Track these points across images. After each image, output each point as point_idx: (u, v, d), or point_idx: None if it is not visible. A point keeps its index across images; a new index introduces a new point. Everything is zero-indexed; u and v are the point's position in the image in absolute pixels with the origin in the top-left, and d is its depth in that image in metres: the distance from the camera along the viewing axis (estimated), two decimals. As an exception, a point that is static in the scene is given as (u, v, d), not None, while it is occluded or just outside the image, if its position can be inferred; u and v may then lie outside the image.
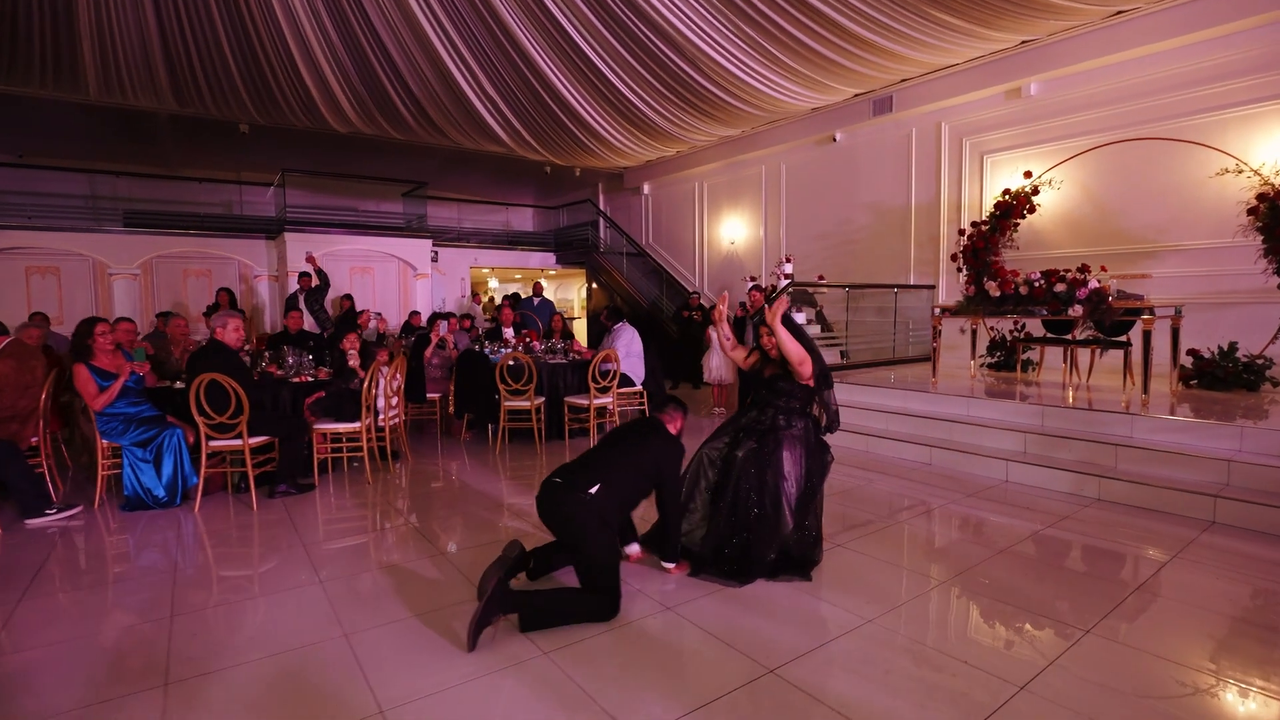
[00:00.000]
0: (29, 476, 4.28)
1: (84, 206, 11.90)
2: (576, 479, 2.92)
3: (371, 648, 2.53)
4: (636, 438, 3.16)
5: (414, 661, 2.43)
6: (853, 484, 4.85)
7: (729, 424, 3.56)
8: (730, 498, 3.24)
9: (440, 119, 8.98)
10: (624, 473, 3.00)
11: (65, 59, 6.83)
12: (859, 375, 7.19)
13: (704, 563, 3.23)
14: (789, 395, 3.40)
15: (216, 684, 2.29)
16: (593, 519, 2.85)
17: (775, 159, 10.89)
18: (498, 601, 2.57)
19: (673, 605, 2.85)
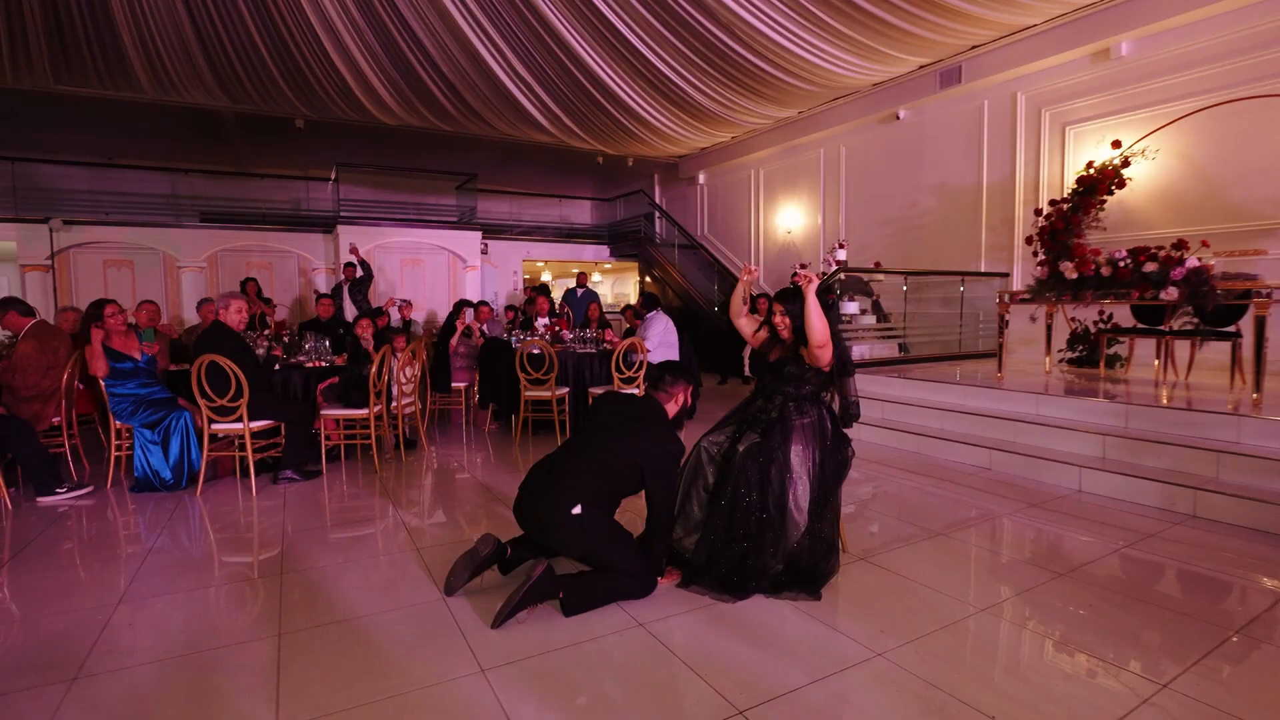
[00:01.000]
0: (41, 455, 4.30)
1: (162, 203, 12.54)
2: (557, 495, 2.61)
3: (296, 652, 2.25)
4: (623, 431, 2.75)
5: (331, 669, 2.13)
6: (896, 488, 4.28)
7: (734, 413, 3.12)
8: (728, 499, 2.80)
9: (480, 105, 8.83)
10: (607, 483, 2.67)
11: (112, 56, 7.06)
12: (917, 370, 6.52)
13: (696, 573, 2.81)
14: (799, 380, 2.94)
15: (117, 683, 2.06)
16: (586, 534, 2.58)
17: (834, 141, 10.21)
18: (539, 592, 2.44)
19: (647, 621, 2.44)
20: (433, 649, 2.27)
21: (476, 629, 2.40)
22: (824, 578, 2.74)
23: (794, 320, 3.00)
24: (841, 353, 2.96)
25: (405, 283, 11.74)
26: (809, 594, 2.62)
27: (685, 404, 2.94)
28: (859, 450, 5.36)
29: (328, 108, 8.99)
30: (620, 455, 2.67)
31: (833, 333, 2.90)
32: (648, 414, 2.82)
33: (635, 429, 2.74)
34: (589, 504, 2.60)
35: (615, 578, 2.61)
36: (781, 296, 3.06)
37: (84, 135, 12.38)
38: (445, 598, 2.67)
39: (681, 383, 2.90)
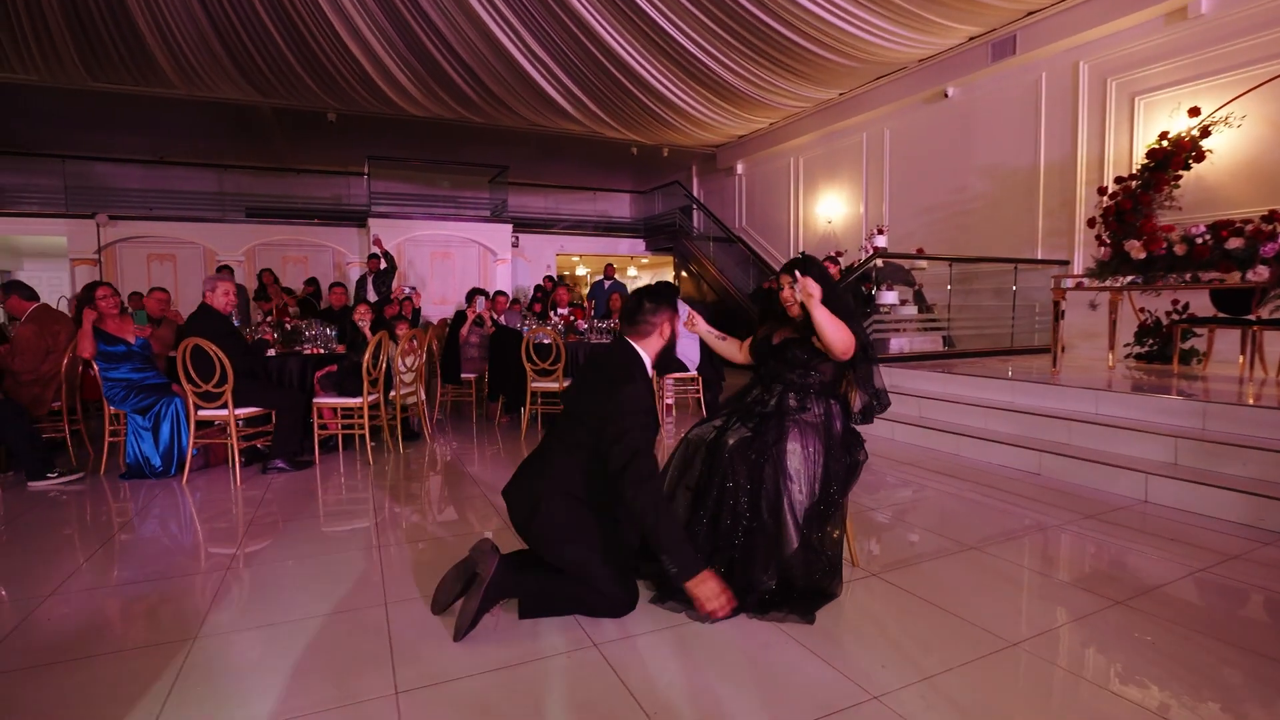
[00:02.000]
0: (32, 441, 4.22)
1: (204, 199, 12.85)
2: (526, 495, 2.28)
3: (202, 661, 1.98)
4: (588, 392, 2.33)
5: (231, 684, 1.85)
6: (926, 494, 3.80)
7: (730, 401, 2.72)
8: (714, 500, 2.41)
9: (502, 91, 8.61)
10: (584, 468, 2.26)
11: (136, 51, 7.11)
12: (962, 365, 5.95)
13: (675, 585, 2.43)
14: (806, 368, 2.53)
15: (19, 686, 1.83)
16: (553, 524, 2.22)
17: (877, 124, 9.60)
18: (497, 589, 2.12)
19: (604, 641, 2.08)
20: (355, 663, 1.97)
21: (413, 641, 2.09)
22: (822, 598, 2.32)
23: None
24: (861, 337, 2.53)
25: (435, 275, 11.69)
26: (801, 617, 2.21)
27: (672, 338, 2.40)
28: (889, 450, 4.91)
29: (352, 98, 8.93)
30: (581, 425, 2.26)
31: (846, 315, 2.49)
32: (613, 362, 2.33)
33: (596, 388, 2.28)
34: (557, 493, 2.22)
35: (582, 591, 2.21)
36: (790, 266, 2.65)
37: (136, 135, 12.76)
38: (387, 604, 2.37)
39: (664, 310, 2.35)
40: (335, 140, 12.36)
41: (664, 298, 2.40)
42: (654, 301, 2.37)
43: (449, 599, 2.28)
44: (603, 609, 2.23)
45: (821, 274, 2.57)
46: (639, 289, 2.53)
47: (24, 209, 11.08)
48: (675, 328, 2.42)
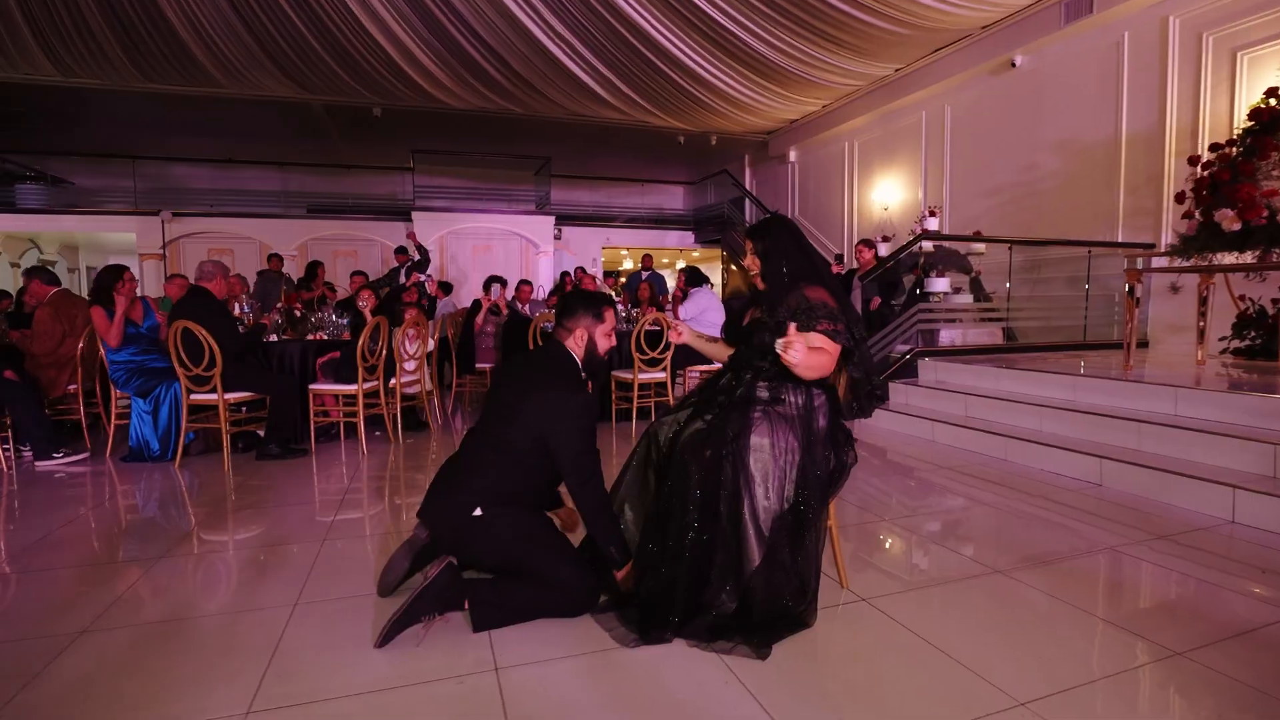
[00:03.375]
0: (40, 421, 4.26)
1: (262, 196, 13.33)
2: (452, 497, 2.07)
3: (77, 660, 1.77)
4: (516, 392, 2.11)
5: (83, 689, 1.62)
6: (956, 503, 3.28)
7: (698, 390, 2.34)
8: (664, 502, 2.04)
9: (533, 77, 8.40)
10: (511, 468, 2.06)
11: (176, 50, 7.28)
12: (1024, 360, 5.29)
13: (622, 598, 2.07)
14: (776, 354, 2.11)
15: None
16: (493, 540, 2.02)
17: (937, 101, 8.86)
18: (434, 597, 1.86)
19: (509, 665, 1.75)
20: (218, 672, 1.71)
21: (304, 649, 1.83)
22: (788, 627, 1.91)
23: (766, 264, 2.20)
24: (849, 326, 2.11)
25: (477, 268, 11.66)
26: (752, 648, 1.80)
27: (591, 345, 2.19)
28: (926, 453, 4.35)
29: (388, 91, 8.93)
30: (512, 424, 2.05)
31: (838, 297, 2.11)
32: (543, 363, 2.18)
33: (527, 387, 2.08)
34: (493, 501, 2.01)
35: (536, 590, 1.98)
36: (753, 231, 2.27)
37: (207, 137, 13.35)
38: (298, 604, 2.12)
39: (582, 317, 2.16)
40: (384, 136, 12.53)
41: (587, 305, 2.20)
42: (576, 303, 2.20)
43: (396, 579, 2.15)
44: (565, 607, 2.01)
45: (787, 244, 2.18)
46: (573, 293, 2.37)
47: (103, 208, 11.78)
48: (596, 336, 2.20)
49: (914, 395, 5.21)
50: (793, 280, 2.14)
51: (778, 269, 2.17)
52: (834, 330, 2.05)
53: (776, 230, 2.21)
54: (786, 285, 2.13)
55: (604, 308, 2.21)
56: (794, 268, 2.16)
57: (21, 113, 11.44)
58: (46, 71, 8.16)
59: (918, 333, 5.75)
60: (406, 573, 2.15)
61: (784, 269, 2.17)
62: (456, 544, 2.03)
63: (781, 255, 2.18)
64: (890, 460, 4.22)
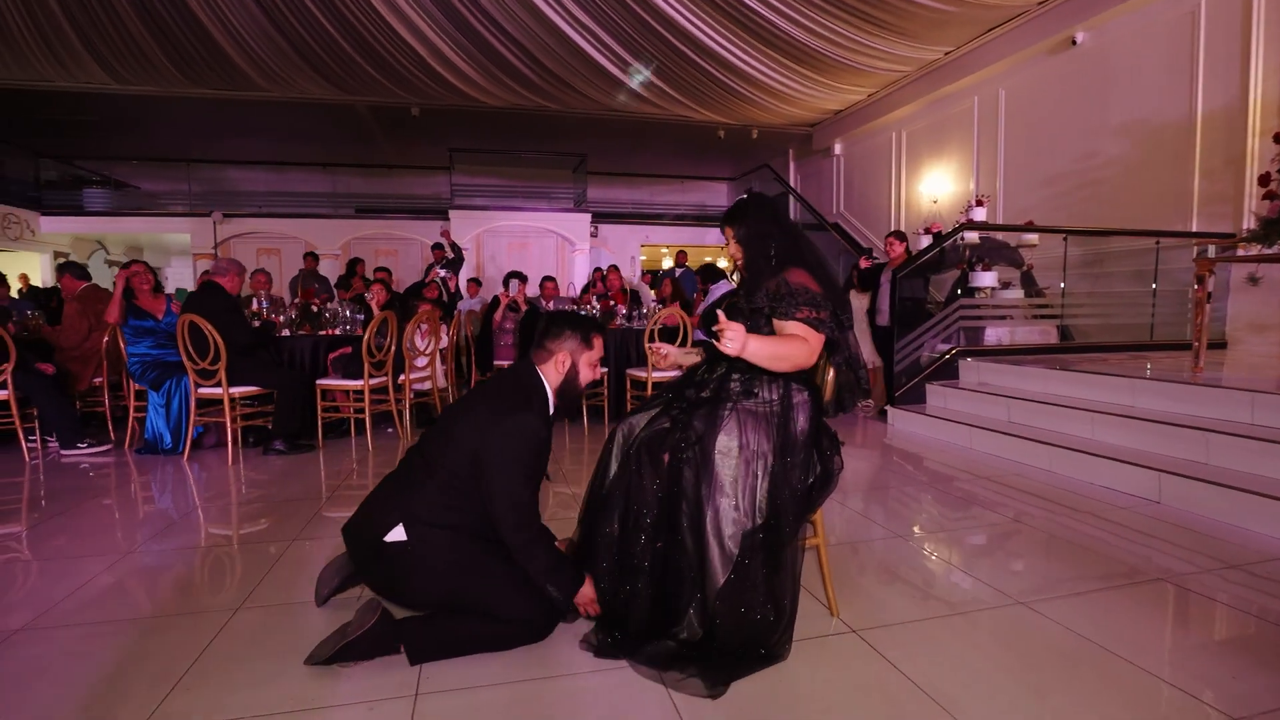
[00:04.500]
0: (65, 412, 4.35)
1: (320, 198, 13.70)
2: (376, 518, 1.84)
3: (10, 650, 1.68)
4: (464, 410, 1.87)
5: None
6: (989, 522, 2.93)
7: (671, 386, 2.10)
8: (617, 516, 1.82)
9: (563, 72, 8.25)
10: (448, 492, 1.79)
11: (217, 58, 7.44)
12: (1081, 361, 4.82)
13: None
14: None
15: None
16: (424, 569, 1.79)
17: (990, 85, 8.30)
18: (366, 649, 1.66)
19: (431, 691, 1.57)
20: (132, 680, 1.59)
21: (230, 658, 1.70)
22: (754, 659, 1.66)
23: (747, 250, 1.95)
24: (835, 301, 1.86)
25: (512, 265, 11.62)
26: (706, 684, 1.56)
27: (572, 374, 1.92)
28: (961, 461, 3.93)
29: (419, 89, 8.95)
30: (450, 443, 1.81)
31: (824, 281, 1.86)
32: (511, 384, 1.91)
33: (473, 402, 1.87)
34: (423, 525, 1.77)
35: (481, 624, 1.74)
36: (729, 217, 2.03)
37: (260, 140, 13.81)
38: (238, 610, 1.99)
39: (568, 339, 1.90)
40: (424, 136, 12.67)
41: (576, 326, 1.93)
42: (562, 326, 1.92)
43: (328, 593, 2.00)
44: (515, 639, 1.77)
45: (767, 225, 1.93)
46: (556, 313, 2.11)
47: (161, 211, 12.31)
48: (580, 364, 1.93)
49: (953, 398, 4.81)
50: (780, 265, 1.89)
51: (764, 254, 1.92)
52: (816, 319, 1.79)
53: (755, 211, 1.96)
54: (773, 269, 1.88)
55: (594, 334, 1.95)
56: (780, 250, 1.91)
57: (90, 121, 12.07)
58: (101, 80, 8.51)
59: (960, 330, 5.33)
60: (337, 588, 2.00)
61: (771, 253, 1.91)
62: (380, 574, 1.82)
63: (764, 239, 1.93)
64: (919, 469, 3.87)
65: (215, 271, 4.39)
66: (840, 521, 2.85)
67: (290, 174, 14.11)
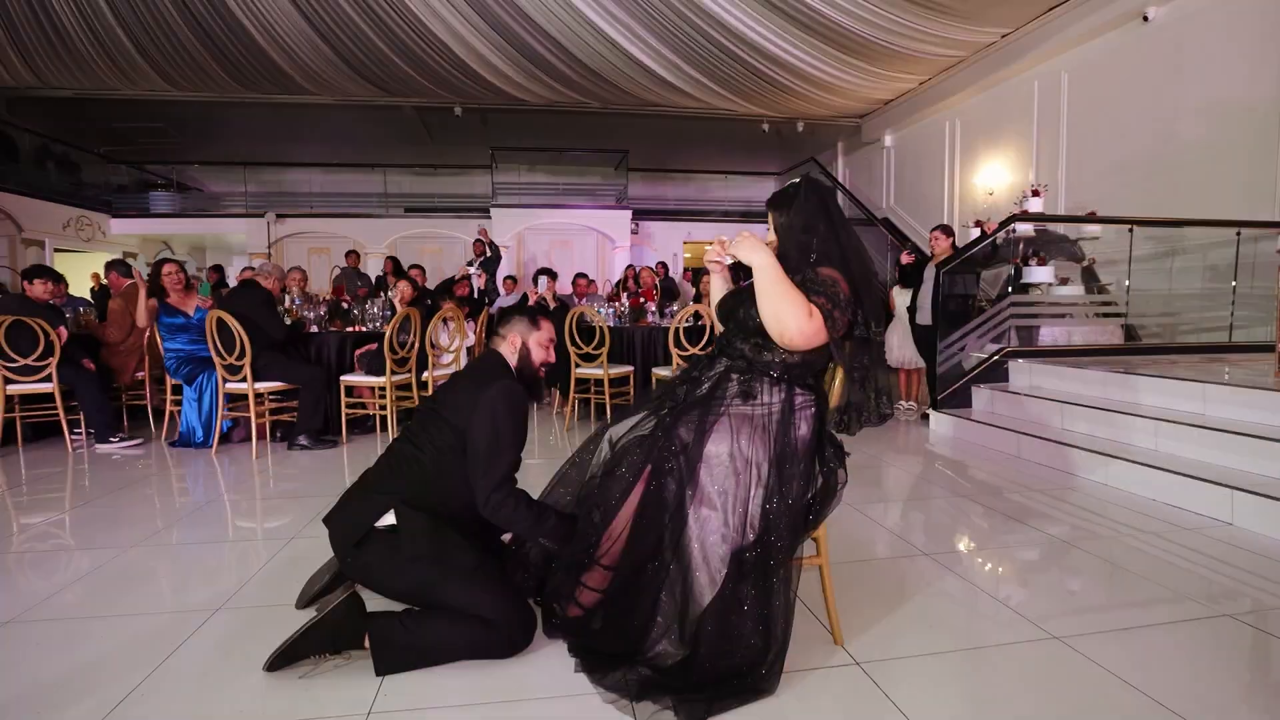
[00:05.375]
0: (101, 407, 4.49)
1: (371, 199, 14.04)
2: (355, 503, 1.84)
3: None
4: (443, 394, 1.92)
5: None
6: (1030, 542, 2.66)
7: (663, 384, 1.95)
8: (599, 520, 1.68)
9: (603, 69, 8.13)
10: (432, 476, 1.81)
11: (264, 63, 7.62)
12: (1145, 363, 4.41)
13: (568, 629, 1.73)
14: (762, 336, 1.69)
15: None
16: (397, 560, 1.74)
17: (1053, 68, 7.78)
18: (327, 633, 1.62)
19: (385, 710, 1.47)
20: (91, 682, 1.55)
21: (190, 662, 1.64)
22: (733, 693, 1.49)
23: (784, 241, 1.77)
24: (864, 310, 1.68)
25: (554, 264, 11.62)
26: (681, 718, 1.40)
27: (525, 354, 1.99)
28: (1008, 471, 3.61)
29: (458, 88, 8.99)
30: (436, 421, 1.84)
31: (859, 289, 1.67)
32: (479, 367, 1.99)
33: (452, 382, 1.97)
34: (407, 506, 1.75)
35: (453, 625, 1.66)
36: (774, 201, 1.83)
37: (312, 142, 14.25)
38: (218, 610, 1.94)
39: (516, 321, 2.03)
40: (468, 136, 12.81)
41: (523, 313, 2.10)
42: (508, 315, 2.10)
43: (313, 592, 1.95)
44: (490, 647, 1.67)
45: (813, 217, 1.73)
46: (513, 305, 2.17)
47: (220, 212, 12.84)
48: (530, 343, 2.01)
49: (1000, 402, 4.48)
50: (817, 264, 1.69)
51: (803, 249, 1.70)
52: (827, 310, 1.60)
53: (804, 200, 1.74)
54: (809, 265, 1.69)
55: (539, 316, 2.08)
56: (823, 251, 1.70)
57: (156, 127, 12.68)
58: (160, 87, 8.87)
59: (1011, 329, 4.97)
60: (320, 590, 1.93)
61: (811, 250, 1.70)
62: (358, 561, 1.76)
63: (807, 232, 1.71)
64: (960, 478, 3.59)
65: (258, 273, 4.52)
66: (864, 534, 2.64)
67: (343, 175, 14.52)
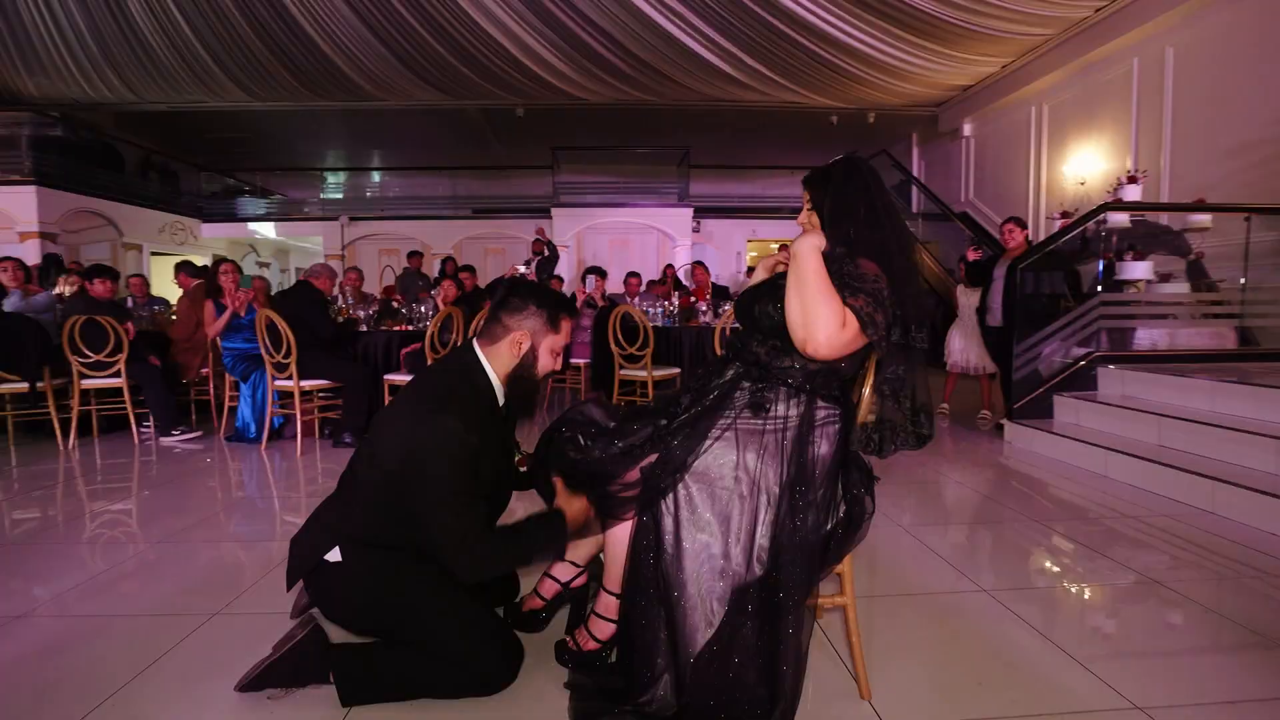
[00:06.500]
0: (164, 402, 4.68)
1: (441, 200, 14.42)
2: (304, 535, 1.63)
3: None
4: (392, 409, 1.61)
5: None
6: (1121, 580, 2.29)
7: (665, 397, 1.74)
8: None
9: (660, 64, 7.95)
10: (384, 509, 1.53)
11: (330, 70, 7.87)
12: (1264, 371, 3.84)
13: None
14: (782, 339, 1.47)
15: None
16: (353, 595, 1.56)
17: (1155, 42, 7.04)
18: (291, 668, 1.49)
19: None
20: (71, 687, 1.50)
21: (171, 671, 1.58)
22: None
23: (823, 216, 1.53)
24: (905, 311, 1.43)
25: (614, 263, 11.55)
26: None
27: (530, 358, 1.59)
28: (1093, 493, 3.18)
29: (517, 89, 9.03)
30: (370, 459, 1.55)
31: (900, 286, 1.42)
32: (441, 375, 1.63)
33: (405, 406, 1.55)
34: (356, 544, 1.54)
35: (425, 664, 1.50)
36: (811, 180, 1.59)
37: (385, 147, 14.77)
38: (215, 615, 1.88)
39: (532, 313, 1.58)
40: (531, 136, 12.91)
41: (543, 301, 1.60)
42: (524, 299, 1.59)
43: (303, 604, 1.79)
44: (461, 687, 1.50)
45: (853, 199, 1.48)
46: (527, 283, 1.71)
47: (298, 216, 13.49)
48: (541, 348, 1.60)
49: (1086, 413, 4.01)
50: (854, 253, 1.46)
51: (839, 234, 1.47)
52: (867, 315, 1.36)
53: (842, 180, 1.50)
54: (845, 254, 1.45)
55: (563, 315, 1.63)
56: (861, 237, 1.45)
57: (245, 138, 13.43)
58: (241, 98, 9.34)
59: (1101, 331, 4.47)
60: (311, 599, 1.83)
61: (849, 236, 1.46)
62: (314, 594, 1.62)
63: (845, 217, 1.47)
64: (1034, 500, 3.20)
65: (310, 274, 4.60)
66: (913, 563, 2.34)
67: (414, 178, 14.99)
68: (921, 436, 1.47)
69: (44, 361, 4.40)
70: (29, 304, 4.76)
